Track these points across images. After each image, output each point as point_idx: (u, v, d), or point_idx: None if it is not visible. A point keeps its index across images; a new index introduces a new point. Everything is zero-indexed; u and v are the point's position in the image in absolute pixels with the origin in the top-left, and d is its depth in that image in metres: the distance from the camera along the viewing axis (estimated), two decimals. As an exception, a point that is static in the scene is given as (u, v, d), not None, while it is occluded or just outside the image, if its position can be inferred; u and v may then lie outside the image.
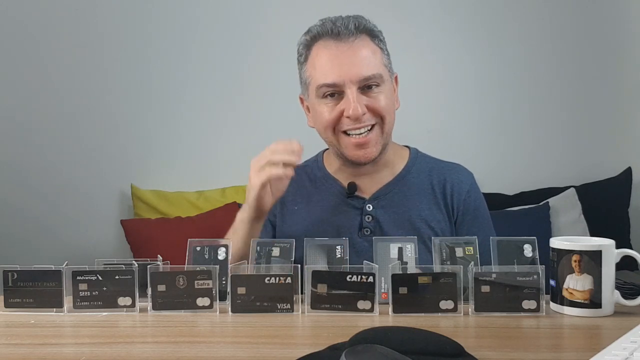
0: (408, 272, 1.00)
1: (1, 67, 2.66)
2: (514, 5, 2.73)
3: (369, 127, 1.23)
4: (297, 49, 1.29)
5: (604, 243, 0.97)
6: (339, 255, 1.06)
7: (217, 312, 0.99)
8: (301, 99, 1.35)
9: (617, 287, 0.97)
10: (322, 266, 1.03)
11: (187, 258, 1.07)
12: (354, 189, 1.31)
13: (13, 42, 2.66)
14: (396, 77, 1.33)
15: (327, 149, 1.40)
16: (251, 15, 2.71)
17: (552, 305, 0.98)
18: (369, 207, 1.30)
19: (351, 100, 1.20)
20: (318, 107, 1.26)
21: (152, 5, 2.70)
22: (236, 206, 2.48)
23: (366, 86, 1.22)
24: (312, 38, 1.25)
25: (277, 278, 0.98)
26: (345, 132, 1.24)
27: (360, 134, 1.23)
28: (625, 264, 1.01)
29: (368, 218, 1.29)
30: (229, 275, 0.99)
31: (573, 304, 0.95)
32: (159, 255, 1.03)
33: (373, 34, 1.25)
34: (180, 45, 2.71)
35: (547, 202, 2.51)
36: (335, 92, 1.23)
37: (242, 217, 1.23)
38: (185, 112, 2.72)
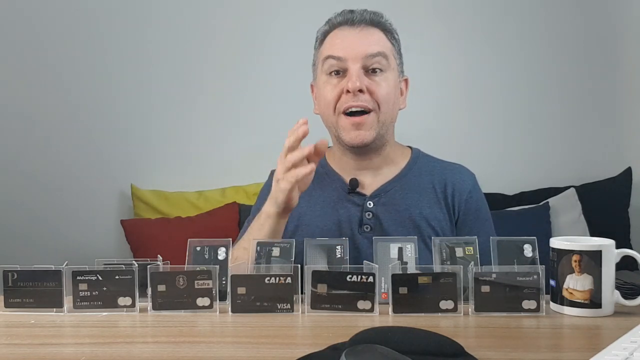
0: (408, 272, 1.00)
1: (2, 67, 2.66)
2: (514, 6, 2.73)
3: (366, 110, 1.25)
4: (315, 36, 1.34)
5: (604, 243, 0.97)
6: (339, 255, 1.06)
7: (217, 312, 0.99)
8: (312, 87, 1.38)
9: (617, 287, 0.97)
10: (322, 266, 1.03)
11: (187, 258, 1.07)
12: (355, 184, 1.31)
13: (14, 42, 2.66)
14: (407, 80, 1.36)
15: (329, 147, 1.41)
16: (251, 17, 2.71)
17: (552, 305, 0.98)
18: (369, 203, 1.30)
19: (352, 74, 1.23)
20: (322, 87, 1.29)
21: (153, 5, 2.70)
22: (236, 206, 2.48)
23: (371, 69, 1.25)
24: (330, 27, 1.30)
25: (277, 278, 0.98)
26: (344, 113, 1.26)
27: (357, 112, 1.25)
28: (625, 264, 1.01)
29: (368, 215, 1.29)
30: (229, 275, 0.99)
31: (573, 304, 0.95)
32: (159, 255, 1.03)
33: (387, 29, 1.30)
34: (180, 45, 2.71)
35: (547, 202, 2.51)
36: (340, 70, 1.26)
37: (269, 212, 1.19)
38: (185, 112, 2.72)
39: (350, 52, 1.24)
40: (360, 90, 1.23)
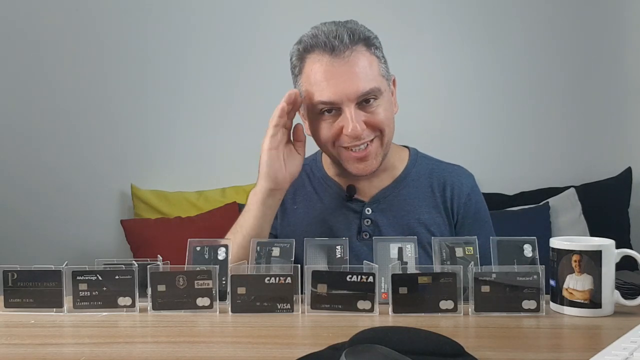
0: (408, 272, 1.00)
1: (2, 68, 2.66)
2: (514, 6, 2.73)
3: (369, 142, 1.21)
4: (289, 58, 1.25)
5: (604, 243, 0.97)
6: (339, 255, 1.06)
7: (217, 312, 0.99)
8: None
9: (617, 287, 0.97)
10: (322, 266, 1.03)
11: (187, 258, 1.07)
12: (353, 191, 1.29)
13: (11, 42, 2.66)
14: (394, 80, 1.29)
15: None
16: (249, 16, 2.71)
17: (552, 305, 0.98)
18: (368, 210, 1.28)
19: (349, 119, 1.16)
20: (316, 122, 1.23)
21: (152, 5, 2.70)
22: (236, 206, 2.48)
23: (364, 100, 1.19)
24: (305, 50, 1.20)
25: (277, 278, 0.98)
26: (345, 147, 1.22)
27: (360, 149, 1.21)
28: (625, 264, 1.01)
29: (367, 222, 1.28)
30: (229, 275, 0.99)
31: (573, 304, 0.95)
32: (159, 255, 1.03)
33: (369, 42, 1.20)
34: (179, 45, 2.70)
35: (547, 202, 2.51)
36: (332, 109, 1.19)
37: (255, 191, 1.21)
38: (185, 112, 2.72)
39: (342, 93, 1.16)
40: None
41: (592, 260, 0.94)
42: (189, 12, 2.71)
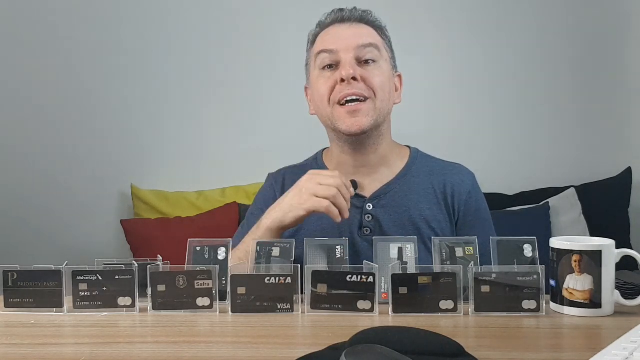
0: (408, 272, 1.00)
1: (2, 67, 2.66)
2: (514, 7, 2.73)
3: (362, 98, 1.24)
4: (307, 38, 1.35)
5: (604, 243, 0.97)
6: (339, 255, 1.06)
7: (217, 312, 0.99)
8: (305, 90, 1.37)
9: (617, 287, 0.97)
10: (322, 266, 1.03)
11: (187, 258, 1.07)
12: (354, 186, 1.30)
13: (9, 43, 2.66)
14: (400, 76, 1.35)
15: (326, 148, 1.41)
16: (249, 17, 2.70)
17: (552, 305, 0.98)
18: (369, 206, 1.29)
19: (345, 63, 1.24)
20: (316, 81, 1.29)
21: (151, 6, 2.70)
22: (236, 206, 2.48)
23: (364, 60, 1.25)
24: (322, 28, 1.31)
25: (277, 278, 0.98)
26: (339, 104, 1.25)
27: (352, 101, 1.24)
28: (625, 264, 1.01)
29: (368, 217, 1.29)
30: (229, 275, 0.99)
31: (573, 304, 0.95)
32: (159, 255, 1.03)
33: (375, 26, 1.30)
34: (179, 45, 2.70)
35: (547, 202, 2.51)
36: (332, 63, 1.26)
37: (271, 227, 1.20)
38: (185, 112, 2.72)
39: (342, 44, 1.25)
40: (354, 79, 1.23)
41: (592, 260, 0.94)
42: (189, 13, 2.71)
